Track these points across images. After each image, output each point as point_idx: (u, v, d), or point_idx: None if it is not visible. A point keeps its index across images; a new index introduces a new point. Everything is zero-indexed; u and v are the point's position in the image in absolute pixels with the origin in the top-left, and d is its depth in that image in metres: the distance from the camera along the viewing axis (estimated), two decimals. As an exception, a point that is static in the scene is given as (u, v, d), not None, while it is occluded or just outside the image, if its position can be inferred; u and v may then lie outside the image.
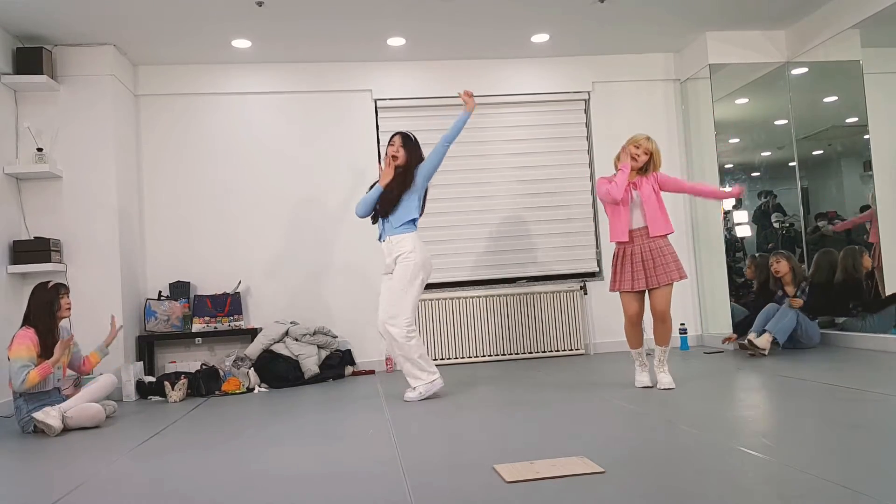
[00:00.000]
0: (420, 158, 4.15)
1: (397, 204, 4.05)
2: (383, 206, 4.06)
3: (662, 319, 3.84)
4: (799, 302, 5.05)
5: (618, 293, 4.10)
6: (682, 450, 2.44)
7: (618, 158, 3.96)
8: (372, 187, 4.21)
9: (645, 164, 3.89)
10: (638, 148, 3.87)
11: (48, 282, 3.97)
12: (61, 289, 3.95)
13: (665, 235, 3.84)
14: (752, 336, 4.90)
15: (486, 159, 6.02)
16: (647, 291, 3.87)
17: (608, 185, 3.85)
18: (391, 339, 3.98)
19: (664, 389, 3.78)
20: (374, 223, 4.24)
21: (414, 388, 4.02)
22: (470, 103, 4.15)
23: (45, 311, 3.86)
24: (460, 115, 4.14)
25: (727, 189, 3.83)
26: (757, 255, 6.04)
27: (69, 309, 3.97)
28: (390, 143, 4.17)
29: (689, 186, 4.03)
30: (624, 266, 3.86)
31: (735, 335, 5.42)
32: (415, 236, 4.06)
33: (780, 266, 5.17)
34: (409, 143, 4.16)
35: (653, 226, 3.82)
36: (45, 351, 3.81)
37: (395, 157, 4.11)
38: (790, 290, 5.15)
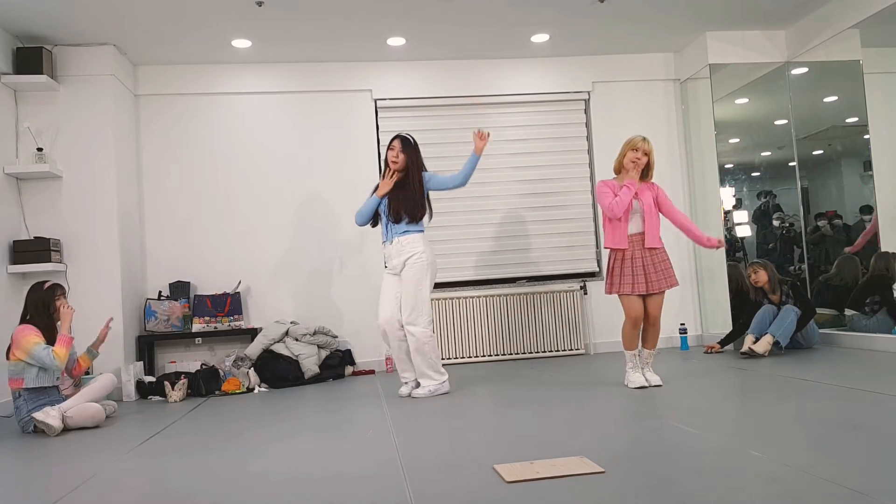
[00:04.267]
0: (420, 161, 4.15)
1: (406, 209, 4.06)
2: (394, 215, 4.07)
3: (654, 323, 3.98)
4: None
5: (616, 295, 4.16)
6: (682, 450, 2.44)
7: (619, 165, 4.01)
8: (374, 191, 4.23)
9: (644, 166, 3.97)
10: (637, 151, 3.94)
11: (44, 281, 3.97)
12: (57, 290, 3.94)
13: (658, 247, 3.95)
14: (749, 342, 4.90)
15: (486, 159, 5.99)
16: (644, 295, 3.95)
17: (612, 201, 3.89)
18: (412, 339, 4.01)
19: (655, 386, 3.90)
20: (374, 227, 4.26)
21: (425, 387, 4.09)
22: (479, 145, 4.03)
23: (42, 310, 3.86)
24: (470, 158, 4.06)
25: (709, 237, 3.97)
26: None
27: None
28: (390, 147, 4.16)
29: (680, 222, 4.01)
30: (624, 269, 3.91)
31: (717, 344, 5.43)
32: (423, 237, 4.09)
33: (759, 276, 5.14)
34: (408, 147, 4.14)
35: (650, 237, 3.91)
36: (49, 343, 3.81)
37: (394, 163, 4.11)
38: (775, 297, 5.12)
